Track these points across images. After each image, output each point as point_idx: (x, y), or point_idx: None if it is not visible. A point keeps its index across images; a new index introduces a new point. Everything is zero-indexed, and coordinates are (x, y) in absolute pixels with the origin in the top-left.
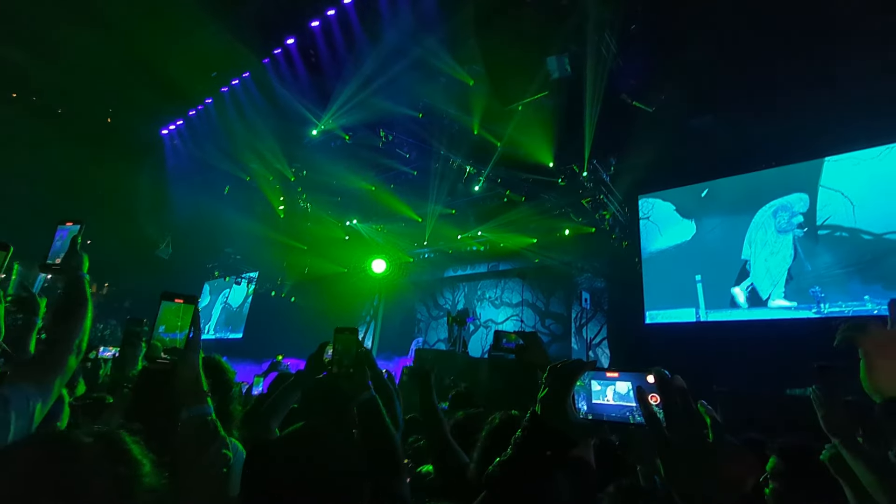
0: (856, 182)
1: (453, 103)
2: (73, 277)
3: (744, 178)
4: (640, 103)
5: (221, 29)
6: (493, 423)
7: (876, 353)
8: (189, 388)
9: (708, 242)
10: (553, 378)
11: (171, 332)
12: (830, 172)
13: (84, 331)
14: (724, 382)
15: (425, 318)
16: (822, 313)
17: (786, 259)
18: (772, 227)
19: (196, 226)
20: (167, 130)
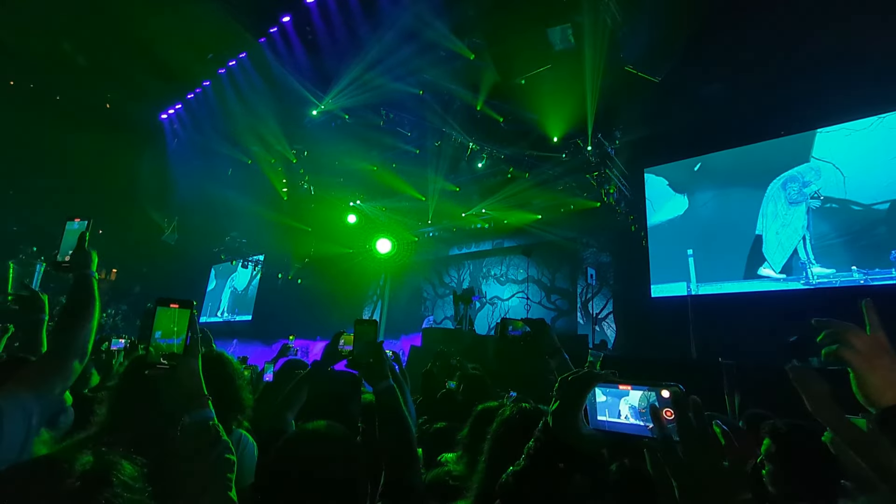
0: (847, 153)
1: (454, 79)
2: (80, 276)
3: (742, 150)
4: (646, 74)
5: (215, 9)
6: (504, 415)
7: (864, 366)
8: (189, 393)
9: (703, 216)
10: (564, 391)
11: (168, 337)
12: (822, 144)
13: (90, 332)
14: (730, 355)
15: (431, 296)
16: (811, 283)
17: (797, 231)
18: (782, 198)
19: (201, 210)
20: (166, 115)
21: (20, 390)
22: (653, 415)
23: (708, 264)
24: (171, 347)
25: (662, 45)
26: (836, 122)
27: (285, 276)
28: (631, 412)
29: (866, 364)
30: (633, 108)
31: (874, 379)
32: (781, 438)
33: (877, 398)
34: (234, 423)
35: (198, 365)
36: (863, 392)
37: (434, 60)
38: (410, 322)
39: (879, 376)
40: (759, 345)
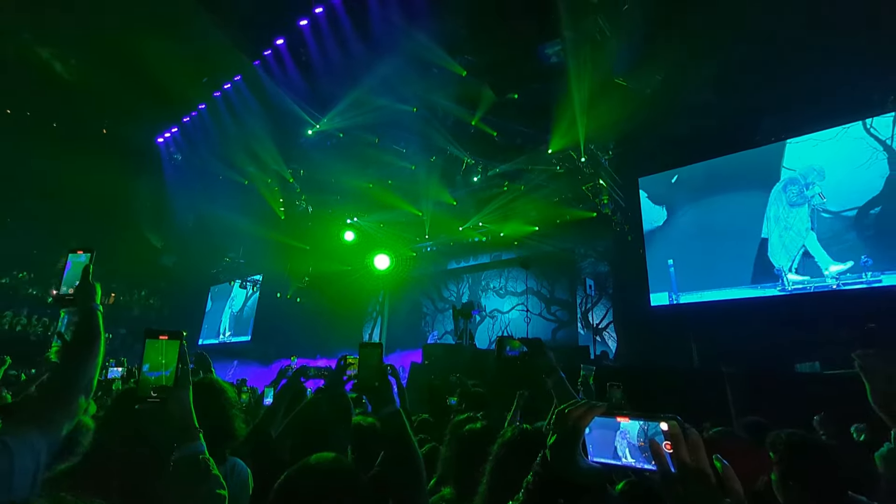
0: (820, 161)
1: (447, 95)
2: (85, 310)
3: (723, 160)
4: (636, 85)
5: (210, 33)
6: (505, 438)
7: (885, 385)
8: (179, 426)
9: (698, 223)
10: (560, 423)
11: (156, 370)
12: (791, 154)
13: (96, 367)
14: (733, 361)
15: (431, 311)
16: (787, 290)
17: (801, 233)
18: (784, 201)
19: (198, 232)
20: (162, 138)
21: (27, 429)
22: (653, 450)
23: (706, 271)
24: (161, 380)
25: (650, 57)
26: (804, 133)
27: (284, 295)
28: (628, 447)
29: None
30: (625, 118)
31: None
32: (790, 451)
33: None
34: (227, 451)
35: (188, 397)
36: (886, 403)
37: (427, 78)
38: (410, 338)
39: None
40: (760, 351)
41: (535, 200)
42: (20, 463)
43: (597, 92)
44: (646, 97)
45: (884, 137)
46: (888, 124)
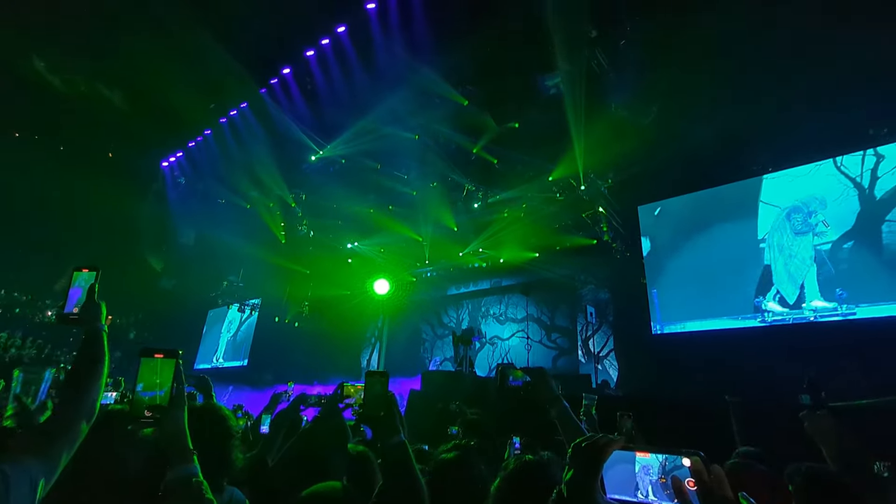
0: (790, 197)
1: (449, 123)
2: (91, 330)
3: (704, 193)
4: (633, 115)
5: (218, 61)
6: (508, 470)
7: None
8: (173, 447)
9: (666, 256)
10: (578, 458)
11: (149, 390)
12: (768, 188)
13: (100, 390)
14: (736, 391)
15: (430, 337)
16: (768, 322)
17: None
18: (788, 229)
19: (198, 255)
20: (167, 162)
21: (26, 457)
22: (674, 487)
23: (707, 300)
24: (155, 400)
25: (646, 89)
26: (780, 168)
27: (282, 319)
28: (649, 483)
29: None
30: (623, 147)
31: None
32: (808, 484)
33: None
34: (224, 480)
35: (183, 417)
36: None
37: (429, 107)
38: (409, 364)
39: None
40: (765, 381)
41: (535, 227)
42: (17, 493)
43: (595, 121)
44: (643, 127)
45: (853, 175)
46: (857, 162)
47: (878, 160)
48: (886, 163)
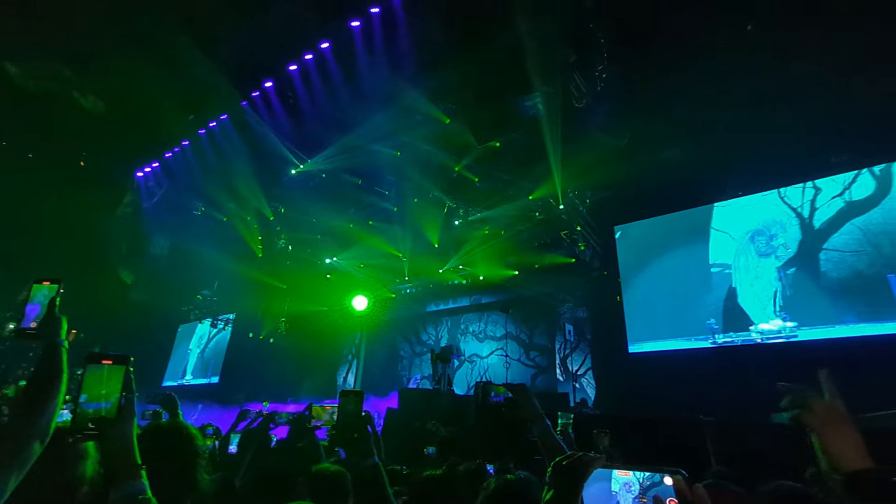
0: (744, 224)
1: (430, 141)
2: (49, 345)
3: (661, 218)
4: (609, 138)
5: (200, 72)
6: (489, 491)
7: (825, 431)
8: (118, 463)
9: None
10: (559, 478)
11: (94, 401)
12: (718, 216)
13: (55, 410)
14: (710, 411)
15: (408, 354)
16: (717, 343)
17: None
18: (752, 252)
19: (171, 268)
20: (142, 173)
21: None
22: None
23: (680, 320)
24: (100, 412)
25: (624, 112)
26: (730, 197)
27: (257, 335)
28: (630, 502)
29: (826, 430)
30: (600, 168)
31: (834, 445)
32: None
33: (839, 463)
34: (188, 502)
35: (132, 430)
36: (826, 457)
37: (411, 124)
38: (387, 382)
39: (838, 442)
40: (738, 400)
41: (515, 245)
42: None
43: (573, 142)
44: (619, 150)
45: (795, 205)
46: (798, 194)
47: (815, 192)
48: (823, 195)
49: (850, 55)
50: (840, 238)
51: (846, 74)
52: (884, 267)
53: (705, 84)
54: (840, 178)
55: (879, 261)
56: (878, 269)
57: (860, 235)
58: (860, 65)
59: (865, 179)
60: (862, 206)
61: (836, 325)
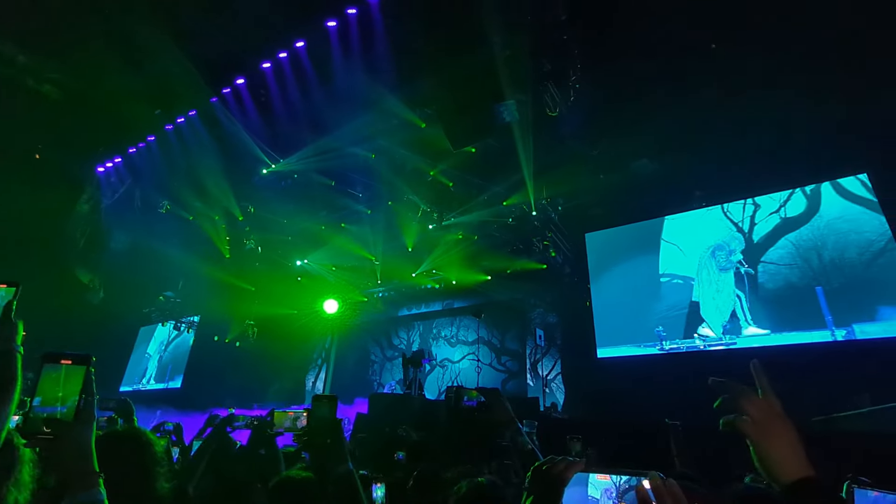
0: (690, 236)
1: (406, 145)
2: (3, 351)
3: (618, 229)
4: (582, 147)
5: (168, 65)
6: (460, 493)
7: (761, 436)
8: (74, 470)
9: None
10: (538, 483)
11: (50, 404)
12: (669, 228)
13: (7, 419)
14: (675, 415)
15: (380, 359)
16: (665, 349)
17: (730, 295)
18: (714, 266)
19: (132, 268)
20: (103, 168)
21: None
22: (640, 501)
23: (644, 326)
24: (55, 416)
25: (597, 123)
26: (680, 210)
27: (222, 338)
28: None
29: (763, 434)
30: (572, 176)
31: (772, 451)
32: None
33: (778, 472)
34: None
35: (90, 435)
36: (762, 464)
37: (387, 128)
38: (358, 387)
39: (777, 447)
40: (701, 403)
41: (488, 250)
42: None
43: (547, 150)
44: (591, 158)
45: (737, 220)
46: (739, 210)
47: (755, 208)
48: (762, 211)
49: (792, 86)
50: (776, 252)
51: (788, 103)
52: (813, 280)
53: (668, 99)
54: (777, 196)
55: (809, 274)
56: (808, 282)
57: (793, 250)
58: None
59: (798, 198)
60: (794, 222)
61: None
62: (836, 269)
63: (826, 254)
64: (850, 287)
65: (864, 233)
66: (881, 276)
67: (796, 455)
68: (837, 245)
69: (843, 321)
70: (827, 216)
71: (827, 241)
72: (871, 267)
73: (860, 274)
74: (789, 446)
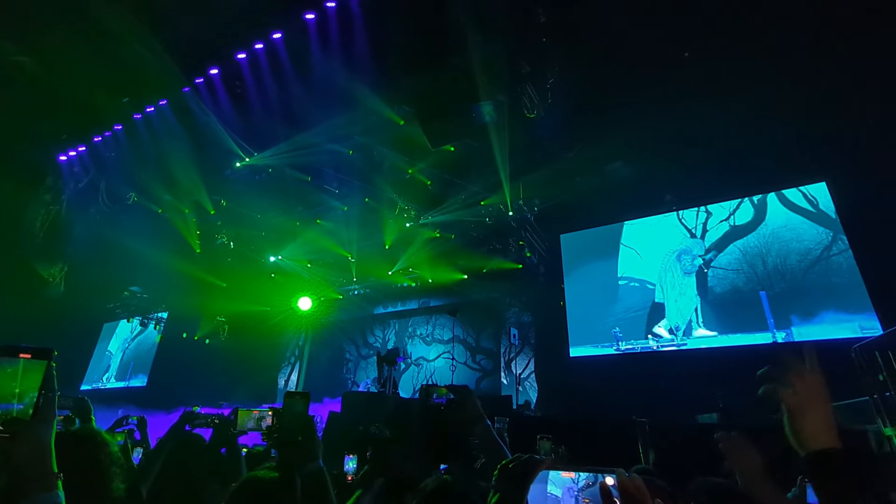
0: (647, 241)
1: (383, 142)
2: None
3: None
4: (560, 149)
5: (138, 51)
6: (426, 490)
7: (800, 408)
8: (31, 471)
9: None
10: (504, 481)
11: (5, 401)
12: (627, 232)
13: None
14: (643, 411)
15: (354, 357)
16: (621, 350)
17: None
18: (678, 269)
19: (97, 261)
20: (66, 156)
21: None
22: (603, 496)
23: (635, 323)
24: (11, 413)
25: (573, 125)
26: (639, 216)
27: (191, 335)
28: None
29: (803, 406)
30: (548, 178)
31: (808, 422)
32: (711, 500)
33: (807, 441)
34: None
35: (49, 435)
36: (794, 433)
37: (365, 124)
38: (332, 385)
39: (812, 420)
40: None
41: (465, 249)
42: None
43: (524, 151)
44: (567, 160)
45: (690, 226)
46: (693, 216)
47: (707, 216)
48: (713, 219)
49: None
50: (725, 257)
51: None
52: (757, 284)
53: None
54: (727, 205)
55: (754, 279)
56: (753, 287)
57: (740, 256)
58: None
59: (746, 207)
60: (743, 230)
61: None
62: (778, 274)
63: (770, 260)
64: (791, 292)
65: (804, 241)
66: (817, 283)
67: (829, 429)
68: (781, 252)
69: (783, 324)
70: (772, 225)
71: (771, 248)
72: (808, 273)
73: (799, 280)
74: (824, 421)
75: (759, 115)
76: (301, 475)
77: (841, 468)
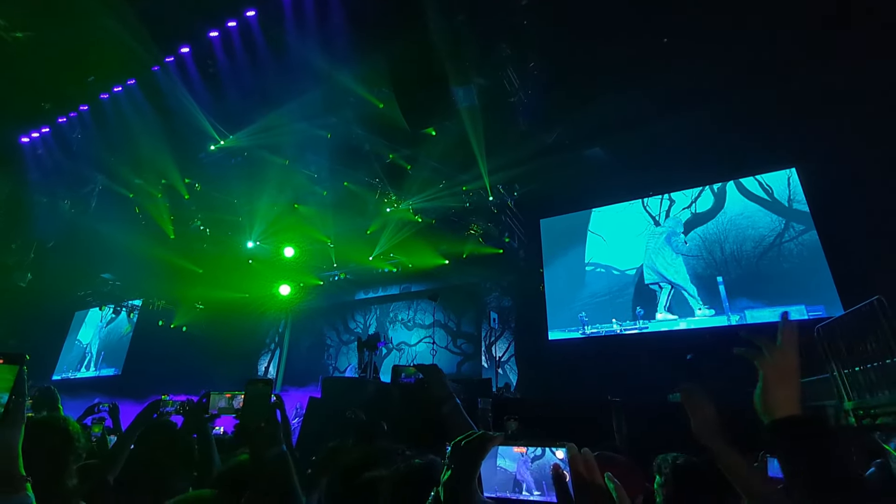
0: (613, 228)
1: (362, 124)
2: None
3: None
4: (538, 133)
5: (105, 28)
6: (397, 473)
7: (773, 378)
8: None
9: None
10: (456, 457)
11: None
12: (595, 219)
13: None
14: (617, 392)
15: (335, 343)
16: (586, 334)
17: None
18: (669, 250)
19: (66, 248)
20: (28, 138)
21: None
22: (554, 477)
23: (600, 308)
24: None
25: (553, 111)
26: (606, 203)
27: (168, 323)
28: (525, 479)
29: (775, 376)
30: (528, 163)
31: (780, 393)
32: (676, 473)
33: (773, 410)
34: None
35: (17, 438)
36: (763, 400)
37: (343, 106)
38: (312, 372)
39: (782, 391)
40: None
41: (445, 234)
42: None
43: (504, 135)
44: (547, 145)
45: (654, 213)
46: (657, 204)
47: (670, 203)
48: (676, 206)
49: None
50: (686, 244)
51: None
52: (715, 270)
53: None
54: (689, 192)
55: (713, 265)
56: (712, 272)
57: (700, 242)
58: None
59: (707, 195)
60: (703, 217)
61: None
62: (734, 260)
63: (727, 247)
64: (745, 277)
65: (758, 228)
66: (770, 268)
67: (794, 399)
68: (737, 239)
69: (737, 307)
70: (730, 212)
71: (729, 235)
72: (762, 259)
73: (753, 266)
74: (792, 392)
75: (730, 103)
76: (263, 460)
77: (807, 432)
